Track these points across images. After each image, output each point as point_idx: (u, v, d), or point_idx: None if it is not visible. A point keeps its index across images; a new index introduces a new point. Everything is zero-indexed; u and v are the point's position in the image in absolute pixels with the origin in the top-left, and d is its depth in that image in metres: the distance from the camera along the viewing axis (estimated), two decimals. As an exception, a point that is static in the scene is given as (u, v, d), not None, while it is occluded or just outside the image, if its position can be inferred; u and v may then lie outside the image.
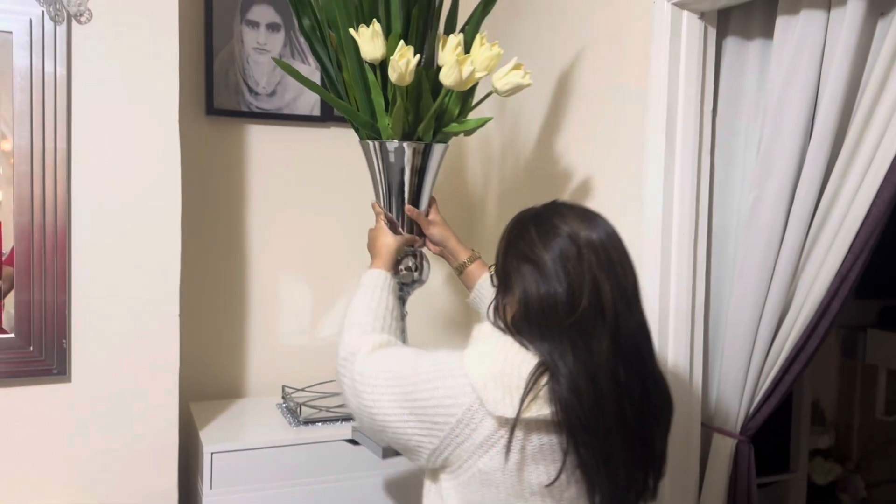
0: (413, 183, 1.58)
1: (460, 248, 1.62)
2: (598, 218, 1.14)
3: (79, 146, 1.64)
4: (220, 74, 2.10)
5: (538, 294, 1.06)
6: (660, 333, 1.62)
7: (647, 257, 1.63)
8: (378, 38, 1.45)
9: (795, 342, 1.52)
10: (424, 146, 1.56)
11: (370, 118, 1.56)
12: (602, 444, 1.03)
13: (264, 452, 1.79)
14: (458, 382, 1.06)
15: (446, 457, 1.08)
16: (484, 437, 1.04)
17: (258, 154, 2.17)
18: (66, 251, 1.64)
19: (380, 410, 1.14)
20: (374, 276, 1.42)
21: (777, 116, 1.49)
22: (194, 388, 2.08)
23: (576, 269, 1.05)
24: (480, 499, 1.06)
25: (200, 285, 2.11)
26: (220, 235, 2.15)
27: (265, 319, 2.20)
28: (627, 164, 1.71)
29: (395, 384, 1.14)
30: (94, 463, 1.69)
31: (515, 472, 1.04)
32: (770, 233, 1.52)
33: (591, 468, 1.03)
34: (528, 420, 1.02)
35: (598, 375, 1.02)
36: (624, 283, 1.08)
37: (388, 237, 1.55)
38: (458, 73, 1.44)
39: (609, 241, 1.10)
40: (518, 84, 1.53)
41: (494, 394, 1.02)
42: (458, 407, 1.05)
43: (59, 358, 1.65)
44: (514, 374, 1.03)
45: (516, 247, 1.12)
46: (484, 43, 1.51)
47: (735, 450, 1.61)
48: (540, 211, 1.16)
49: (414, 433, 1.10)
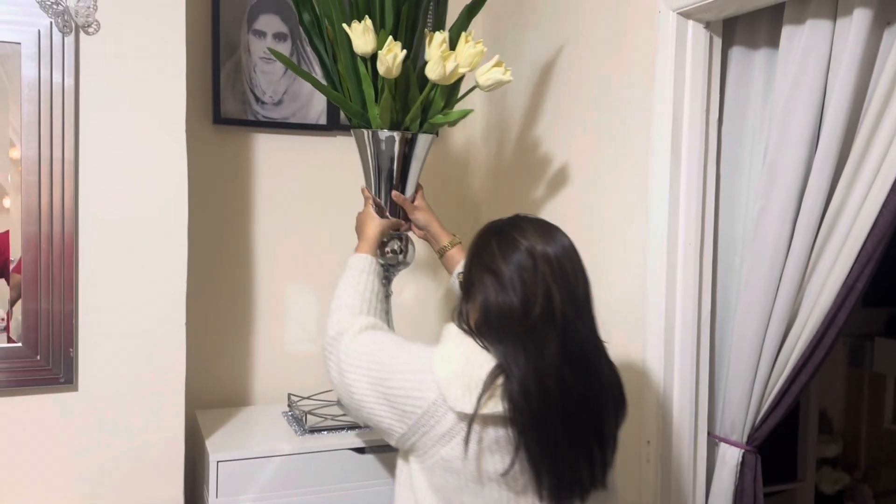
0: (400, 170, 1.67)
1: (442, 233, 1.71)
2: (555, 232, 1.25)
3: (86, 156, 1.65)
4: (227, 84, 2.11)
5: (497, 302, 1.18)
6: (666, 343, 1.61)
7: (653, 267, 1.63)
8: (369, 33, 1.54)
9: (802, 352, 1.51)
10: (412, 136, 1.65)
11: (361, 108, 1.65)
12: (547, 440, 1.14)
13: (270, 461, 1.79)
14: (426, 378, 1.18)
15: (413, 443, 1.21)
16: (446, 429, 1.16)
17: (265, 163, 2.18)
18: (73, 260, 1.65)
19: (358, 390, 1.27)
20: (360, 260, 1.52)
21: (783, 126, 1.49)
22: (200, 396, 2.08)
23: (531, 279, 1.16)
24: (444, 483, 1.18)
25: (207, 293, 2.11)
26: (227, 244, 2.16)
27: (271, 327, 2.20)
28: (633, 174, 1.71)
29: (372, 368, 1.26)
30: (100, 471, 1.69)
31: (473, 461, 1.15)
32: (776, 242, 1.51)
33: (537, 460, 1.14)
34: (484, 416, 1.13)
35: (546, 377, 1.13)
36: (575, 292, 1.19)
37: (374, 220, 1.64)
38: (443, 68, 1.54)
39: (564, 254, 1.21)
40: (499, 80, 1.62)
41: (455, 391, 1.14)
42: (425, 400, 1.17)
43: (66, 367, 1.65)
44: (473, 374, 1.15)
45: (480, 258, 1.23)
46: (468, 41, 1.60)
47: (741, 460, 1.61)
48: (503, 225, 1.26)
49: (385, 416, 1.23)
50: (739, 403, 1.60)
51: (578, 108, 1.91)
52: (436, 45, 1.55)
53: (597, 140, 1.84)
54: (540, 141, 2.08)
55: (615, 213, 1.77)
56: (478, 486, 1.16)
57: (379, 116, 1.61)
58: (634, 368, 1.69)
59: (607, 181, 1.80)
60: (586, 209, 1.88)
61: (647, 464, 1.65)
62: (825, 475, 2.54)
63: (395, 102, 1.60)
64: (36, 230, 1.62)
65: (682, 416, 1.63)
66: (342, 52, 1.61)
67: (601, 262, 1.82)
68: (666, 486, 1.63)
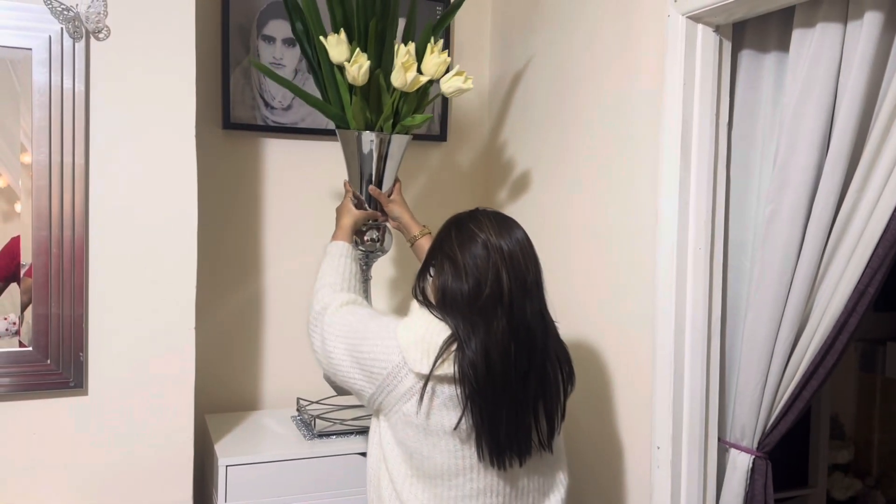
0: (379, 168, 1.81)
1: (413, 224, 1.83)
2: (511, 226, 1.40)
3: (96, 161, 1.66)
4: (237, 89, 2.12)
5: (452, 287, 1.34)
6: (676, 347, 1.60)
7: (663, 271, 1.62)
8: (342, 45, 1.68)
9: (813, 358, 1.50)
10: (386, 137, 1.78)
11: (341, 111, 1.79)
12: (488, 404, 1.30)
13: (279, 465, 1.79)
14: (391, 344, 1.36)
15: (380, 402, 1.38)
16: (407, 388, 1.33)
17: (274, 168, 2.19)
18: (83, 265, 1.65)
19: (336, 356, 1.45)
20: (338, 247, 1.68)
21: (793, 129, 1.48)
22: (210, 400, 2.09)
23: (483, 266, 1.33)
24: (405, 436, 1.36)
25: (216, 298, 2.12)
26: (236, 248, 2.17)
27: (280, 331, 2.21)
28: (642, 178, 1.70)
29: (349, 336, 1.44)
30: (109, 475, 1.70)
31: (427, 416, 1.32)
32: (787, 247, 1.50)
33: (478, 422, 1.31)
34: (438, 376, 1.31)
35: (492, 351, 1.30)
36: (525, 277, 1.34)
37: (350, 212, 1.79)
38: (404, 77, 1.67)
39: (516, 245, 1.36)
40: (459, 88, 1.75)
41: (415, 355, 1.32)
42: (389, 363, 1.35)
43: (77, 371, 1.66)
44: (431, 340, 1.32)
45: (441, 246, 1.39)
46: (434, 51, 1.73)
47: (752, 466, 1.60)
48: (463, 218, 1.42)
49: (358, 378, 1.41)
50: (750, 408, 1.59)
51: (587, 112, 1.91)
52: (400, 56, 1.68)
53: (606, 144, 1.83)
54: (548, 145, 2.08)
55: (624, 217, 1.77)
56: (434, 437, 1.33)
57: (353, 119, 1.76)
58: (644, 373, 1.68)
59: (616, 185, 1.80)
60: (595, 214, 1.87)
61: (658, 469, 1.64)
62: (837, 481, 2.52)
63: (368, 107, 1.75)
64: (46, 235, 1.63)
65: (692, 422, 1.62)
66: (322, 60, 1.76)
67: (610, 267, 1.81)
68: (676, 491, 1.62)
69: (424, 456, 1.34)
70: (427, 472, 1.35)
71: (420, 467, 1.36)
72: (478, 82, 2.42)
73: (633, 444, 1.74)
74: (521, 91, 2.23)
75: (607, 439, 1.82)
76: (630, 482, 1.74)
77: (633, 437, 1.73)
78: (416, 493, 1.36)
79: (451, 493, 1.35)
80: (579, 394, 1.89)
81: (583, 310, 1.90)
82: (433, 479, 1.35)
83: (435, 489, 1.36)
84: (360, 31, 1.74)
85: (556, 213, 2.04)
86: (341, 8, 1.73)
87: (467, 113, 2.42)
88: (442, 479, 1.35)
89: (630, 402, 1.74)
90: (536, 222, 2.10)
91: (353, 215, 1.78)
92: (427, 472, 1.35)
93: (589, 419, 1.87)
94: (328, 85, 1.79)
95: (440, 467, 1.34)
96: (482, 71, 2.43)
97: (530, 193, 2.17)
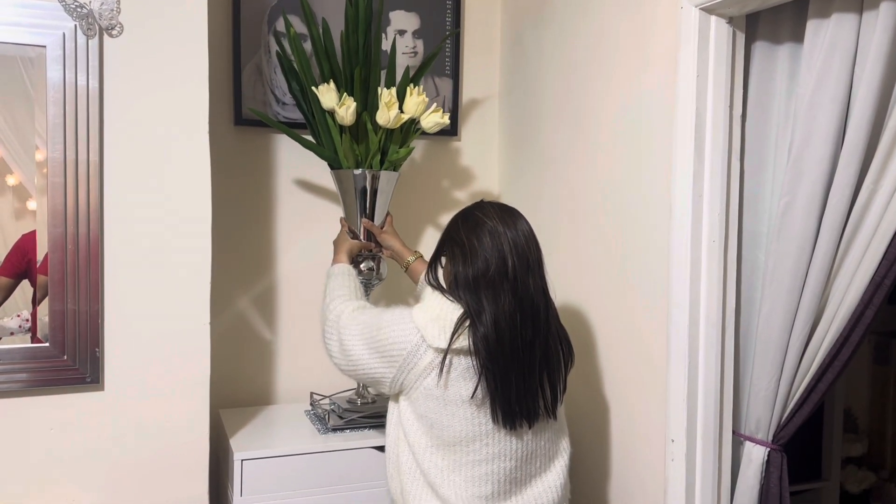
0: (371, 202, 1.98)
1: (405, 251, 1.98)
2: (514, 215, 1.52)
3: (111, 158, 1.67)
4: (248, 85, 2.13)
5: (464, 271, 1.47)
6: (690, 340, 1.60)
7: (677, 264, 1.62)
8: (331, 92, 1.89)
9: (828, 350, 1.50)
10: (375, 173, 1.97)
11: (333, 153, 1.99)
12: (500, 370, 1.43)
13: (294, 460, 1.80)
14: (408, 326, 1.48)
15: (401, 382, 1.50)
16: (427, 363, 1.45)
17: (285, 163, 2.20)
18: (98, 261, 1.66)
19: (354, 352, 1.55)
20: (340, 267, 1.82)
21: (808, 121, 1.48)
22: (224, 395, 2.10)
23: (490, 247, 1.46)
24: (426, 409, 1.47)
25: (230, 293, 2.13)
26: (249, 244, 2.17)
27: (293, 326, 2.21)
28: (655, 171, 1.70)
29: (365, 330, 1.55)
30: (126, 470, 1.71)
31: (446, 387, 1.45)
32: (801, 239, 1.50)
33: (492, 388, 1.44)
34: (455, 349, 1.44)
35: (500, 321, 1.43)
36: (526, 256, 1.47)
37: (347, 241, 1.94)
38: (388, 115, 1.88)
39: (519, 231, 1.49)
40: (438, 122, 1.97)
41: (433, 331, 1.44)
42: (409, 343, 1.47)
43: (93, 366, 1.67)
44: (447, 318, 1.45)
45: (451, 237, 1.53)
46: (412, 93, 1.94)
47: (767, 458, 1.60)
48: (469, 209, 1.56)
49: (378, 367, 1.51)
50: (765, 401, 1.59)
51: (599, 106, 1.90)
52: (383, 97, 1.89)
53: (618, 138, 1.83)
54: (560, 139, 2.07)
55: (637, 210, 1.76)
56: (452, 406, 1.45)
57: (344, 158, 1.95)
58: (658, 366, 1.68)
59: (629, 179, 1.79)
60: (608, 207, 1.87)
61: (672, 462, 1.64)
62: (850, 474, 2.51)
63: (357, 146, 1.96)
64: (62, 231, 1.64)
65: (706, 415, 1.62)
66: (315, 109, 1.97)
67: (623, 260, 1.81)
68: (691, 484, 1.62)
69: (444, 425, 1.46)
70: (446, 440, 1.47)
71: (440, 436, 1.47)
72: (488, 77, 2.42)
73: (646, 437, 1.74)
74: (533, 85, 2.23)
75: (621, 432, 1.82)
76: (644, 475, 1.74)
77: (647, 429, 1.73)
78: (435, 462, 1.48)
79: (469, 458, 1.47)
80: (592, 386, 1.90)
81: (596, 303, 1.90)
82: (452, 446, 1.47)
83: (454, 455, 1.47)
84: (346, 79, 1.96)
85: (568, 206, 2.04)
86: (328, 61, 1.96)
87: (479, 108, 2.42)
88: (460, 446, 1.47)
89: (644, 396, 1.74)
90: (548, 216, 2.09)
91: (349, 244, 1.92)
92: (446, 441, 1.47)
93: (602, 412, 1.87)
94: (322, 131, 1.98)
95: (459, 434, 1.46)
96: (493, 65, 2.42)
97: (542, 187, 2.17)
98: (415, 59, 2.28)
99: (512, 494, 1.51)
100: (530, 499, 1.53)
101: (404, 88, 1.98)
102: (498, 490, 1.49)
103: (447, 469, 1.48)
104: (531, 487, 1.53)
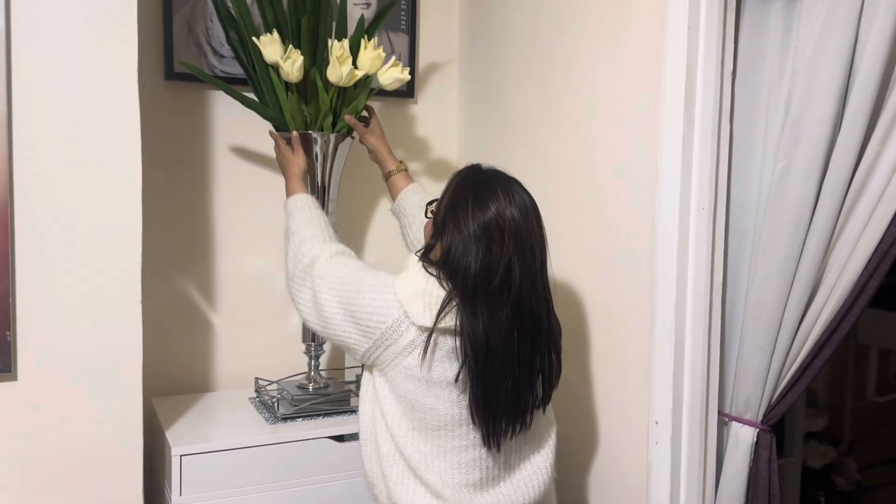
0: (323, 169, 1.81)
1: (389, 158, 1.81)
2: (528, 207, 1.34)
3: (20, 109, 1.43)
4: (181, 34, 1.90)
5: (458, 261, 1.30)
6: (677, 316, 1.49)
7: (664, 235, 1.50)
8: (275, 43, 1.69)
9: (827, 324, 1.41)
10: (328, 137, 1.79)
11: (279, 113, 1.78)
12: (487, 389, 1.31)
13: (240, 453, 1.62)
14: (389, 297, 1.32)
15: (376, 357, 1.35)
16: (408, 341, 1.31)
17: (223, 124, 1.98)
18: (7, 231, 1.43)
19: (327, 309, 1.39)
20: (302, 199, 1.61)
21: (809, 78, 1.37)
22: (157, 382, 1.88)
23: (497, 251, 1.29)
24: (405, 389, 1.34)
25: (162, 267, 1.91)
26: (184, 214, 1.95)
27: (235, 304, 2.01)
28: (638, 134, 1.57)
29: (341, 289, 1.38)
30: (47, 469, 1.50)
31: (430, 368, 1.31)
32: (799, 206, 1.39)
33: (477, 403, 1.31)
34: (441, 328, 1.30)
35: (493, 337, 1.29)
36: (532, 263, 1.32)
37: (296, 158, 1.70)
38: (340, 71, 1.70)
39: (529, 230, 1.33)
40: (398, 78, 1.79)
41: (417, 308, 1.30)
42: (389, 317, 1.32)
43: (3, 353, 1.44)
44: (433, 293, 1.31)
45: (454, 213, 1.32)
46: (367, 47, 1.76)
47: (756, 440, 1.51)
48: (479, 185, 1.34)
49: (351, 333, 1.37)
50: (755, 379, 1.49)
51: (573, 63, 1.76)
52: (335, 51, 1.71)
53: (596, 99, 1.69)
54: (527, 101, 1.92)
55: (617, 177, 1.63)
56: (436, 388, 1.32)
57: (291, 119, 1.76)
58: (641, 343, 1.56)
59: (608, 143, 1.66)
60: (583, 175, 1.73)
61: (656, 446, 1.53)
62: (812, 449, 2.48)
63: (306, 107, 1.76)
64: (-38, 196, 1.39)
65: (693, 395, 1.51)
66: (257, 63, 1.75)
67: (601, 232, 1.68)
68: (676, 468, 1.52)
69: (427, 408, 1.33)
70: (430, 423, 1.34)
71: (423, 419, 1.34)
72: (447, 33, 2.25)
73: (627, 419, 1.62)
74: (496, 40, 2.06)
75: (599, 414, 1.70)
76: (624, 459, 1.63)
77: (628, 411, 1.62)
78: (417, 447, 1.35)
79: (454, 444, 1.35)
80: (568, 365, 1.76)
81: (573, 277, 1.77)
82: (436, 430, 1.35)
83: (438, 441, 1.35)
84: (293, 30, 1.77)
85: (538, 176, 1.88)
86: (271, 8, 1.77)
87: (437, 69, 2.24)
88: (445, 430, 1.35)
89: (624, 375, 1.62)
90: (516, 184, 1.95)
91: (299, 164, 1.70)
92: (430, 424, 1.34)
93: (579, 393, 1.75)
94: (265, 87, 1.78)
95: (444, 418, 1.34)
96: (452, 20, 2.25)
97: (507, 155, 2.02)
98: (368, 10, 2.09)
99: (500, 480, 1.39)
100: (520, 482, 1.41)
101: (358, 42, 1.80)
102: (487, 476, 1.37)
103: (431, 455, 1.35)
104: (521, 471, 1.42)
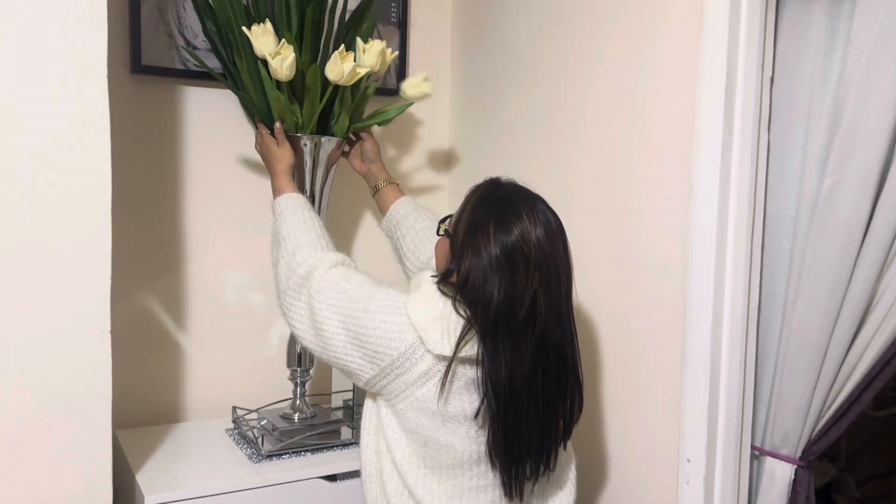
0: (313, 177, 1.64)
1: (382, 171, 1.70)
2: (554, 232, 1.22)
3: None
4: (150, 23, 1.69)
5: (479, 290, 1.17)
6: (713, 344, 1.36)
7: (699, 253, 1.37)
8: (268, 35, 1.50)
9: (881, 354, 1.30)
10: (319, 140, 1.62)
11: (266, 112, 1.60)
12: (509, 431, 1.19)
13: (221, 500, 1.42)
14: (401, 321, 1.19)
15: (383, 385, 1.22)
16: (423, 371, 1.18)
17: (196, 122, 1.77)
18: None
19: (328, 328, 1.26)
20: (292, 200, 1.46)
21: (864, 85, 1.25)
22: (121, 412, 1.67)
23: (521, 282, 1.16)
24: (417, 424, 1.21)
25: (128, 285, 1.70)
26: (150, 225, 1.75)
27: (208, 326, 1.81)
28: (670, 144, 1.43)
29: (345, 307, 1.24)
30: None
31: (446, 401, 1.18)
32: (850, 225, 1.28)
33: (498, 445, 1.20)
34: (460, 358, 1.17)
35: (516, 376, 1.17)
36: (557, 293, 1.21)
37: (282, 153, 1.55)
38: (341, 68, 1.52)
39: (556, 259, 1.20)
40: (426, 93, 1.68)
41: (434, 334, 1.16)
42: (401, 343, 1.18)
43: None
44: (451, 318, 1.18)
45: (474, 236, 1.19)
46: (371, 42, 1.59)
47: (794, 477, 1.39)
48: (501, 204, 1.22)
49: (355, 358, 1.24)
50: (795, 413, 1.37)
51: (595, 63, 1.61)
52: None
53: (619, 103, 1.55)
54: (534, 103, 1.77)
55: (645, 192, 1.49)
56: (453, 423, 1.20)
57: (279, 119, 1.58)
58: (671, 372, 1.43)
59: (634, 154, 1.52)
60: (605, 187, 1.59)
61: (687, 485, 1.40)
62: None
63: (300, 108, 1.58)
64: None
65: (728, 430, 1.39)
66: (244, 57, 1.57)
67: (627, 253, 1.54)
68: (708, 510, 1.39)
69: (442, 444, 1.21)
70: (444, 461, 1.22)
71: (436, 457, 1.22)
72: (440, 23, 2.08)
73: (653, 456, 1.49)
74: (497, 35, 1.90)
75: (624, 449, 1.56)
76: (651, 499, 1.50)
77: (656, 446, 1.48)
78: (430, 487, 1.24)
79: (472, 483, 1.24)
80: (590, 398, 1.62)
81: (595, 300, 1.61)
82: (451, 468, 1.23)
83: (453, 480, 1.24)
84: (285, 21, 1.58)
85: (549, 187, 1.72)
86: None
87: (429, 64, 2.07)
88: (462, 469, 1.23)
89: (652, 407, 1.49)
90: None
91: (286, 158, 1.55)
92: (444, 463, 1.22)
93: (602, 427, 1.61)
94: (251, 84, 1.59)
95: (460, 455, 1.22)
96: (443, 13, 2.08)
97: (509, 162, 1.86)
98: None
99: None
100: None
101: (353, 37, 1.66)
102: None
103: (445, 496, 1.23)
104: None
